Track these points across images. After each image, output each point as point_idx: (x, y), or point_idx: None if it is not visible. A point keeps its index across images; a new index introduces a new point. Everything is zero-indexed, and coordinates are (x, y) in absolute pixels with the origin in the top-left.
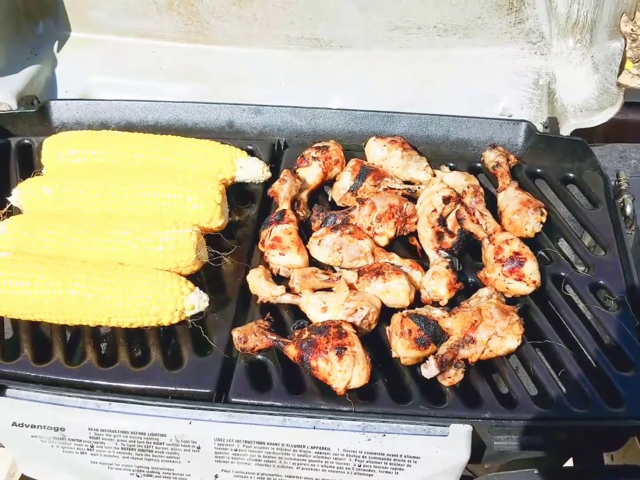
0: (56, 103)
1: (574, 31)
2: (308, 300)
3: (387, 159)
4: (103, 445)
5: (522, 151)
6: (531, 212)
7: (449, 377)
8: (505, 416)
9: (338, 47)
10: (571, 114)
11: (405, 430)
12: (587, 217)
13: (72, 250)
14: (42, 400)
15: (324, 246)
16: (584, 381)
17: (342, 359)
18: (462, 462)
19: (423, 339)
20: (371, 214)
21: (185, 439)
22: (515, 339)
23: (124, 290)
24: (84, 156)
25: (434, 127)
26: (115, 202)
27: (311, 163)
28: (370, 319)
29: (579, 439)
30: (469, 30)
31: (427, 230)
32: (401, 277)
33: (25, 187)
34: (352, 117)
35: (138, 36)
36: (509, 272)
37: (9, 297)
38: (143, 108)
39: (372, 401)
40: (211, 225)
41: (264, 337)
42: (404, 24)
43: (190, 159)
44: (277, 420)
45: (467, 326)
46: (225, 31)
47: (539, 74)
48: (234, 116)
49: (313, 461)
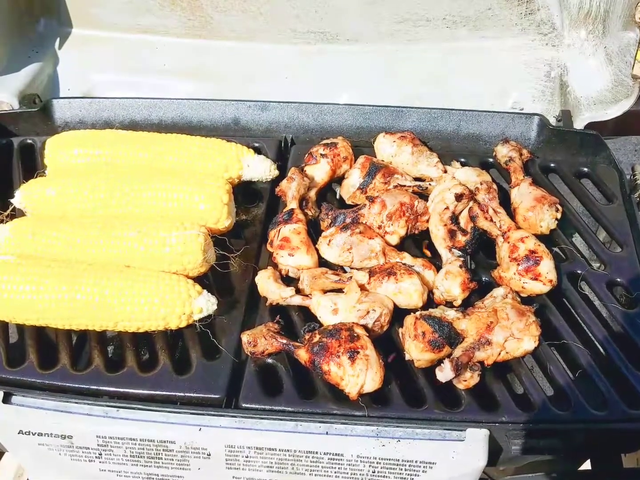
0: (59, 102)
1: (586, 22)
2: (318, 301)
3: (397, 156)
4: (111, 453)
5: (534, 145)
6: (546, 208)
7: (464, 380)
8: (522, 419)
9: (345, 41)
10: (585, 107)
11: (421, 435)
12: (603, 212)
13: (78, 253)
14: (49, 407)
15: (334, 246)
16: (602, 382)
17: (355, 363)
18: (480, 467)
19: (437, 341)
20: (381, 212)
21: (195, 446)
22: (532, 340)
23: (131, 294)
24: (88, 156)
25: (444, 121)
26: (120, 202)
27: (319, 160)
28: (382, 321)
29: (597, 440)
30: (479, 22)
31: (439, 229)
32: (413, 277)
33: (29, 189)
34: (360, 113)
35: (141, 32)
36: (525, 271)
37: (13, 301)
38: (147, 106)
39: (385, 405)
40: (218, 226)
41: (274, 341)
42: (412, 16)
43: (196, 157)
44: (289, 425)
45: (482, 328)
46: (230, 26)
47: (550, 66)
48: (239, 113)
49: (326, 467)
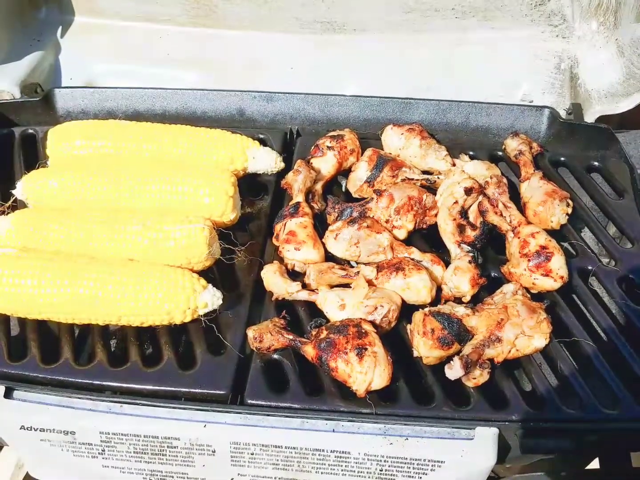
0: (61, 91)
1: (597, 14)
2: (325, 297)
3: (404, 148)
4: (115, 449)
5: (544, 139)
6: (557, 203)
7: (474, 378)
8: (532, 418)
9: (352, 31)
10: (595, 100)
11: (429, 433)
12: (613, 207)
13: (80, 246)
14: (51, 402)
15: (341, 240)
16: (613, 380)
17: (363, 359)
18: (489, 466)
19: (447, 339)
20: (389, 206)
21: (200, 443)
22: (543, 337)
23: (134, 288)
24: (91, 147)
25: (453, 113)
26: (124, 195)
27: (326, 153)
28: (390, 317)
29: (607, 439)
30: (488, 13)
31: (448, 223)
32: (422, 273)
33: (30, 180)
34: (367, 104)
35: (144, 21)
36: (536, 267)
37: (15, 295)
38: (150, 96)
39: (393, 403)
40: (223, 219)
41: (280, 337)
42: (420, 6)
43: (201, 149)
44: (295, 422)
45: (492, 325)
46: (234, 14)
47: (560, 58)
48: (244, 104)
49: (333, 465)
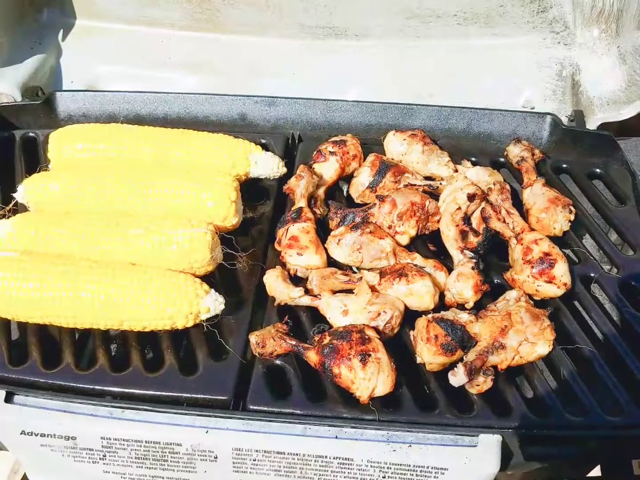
0: (62, 94)
1: (599, 21)
2: (328, 302)
3: (407, 154)
4: (116, 455)
5: (546, 145)
6: (560, 210)
7: (477, 384)
8: (535, 425)
9: (354, 37)
10: (598, 107)
11: (432, 440)
12: (615, 214)
13: (82, 250)
14: (52, 407)
15: (344, 246)
16: (616, 387)
17: (367, 366)
18: (492, 473)
19: (450, 345)
20: (392, 212)
21: (202, 449)
22: (546, 344)
23: (137, 292)
24: (92, 150)
25: (455, 119)
26: (126, 199)
27: (328, 158)
28: (393, 323)
29: (610, 446)
30: (490, 19)
31: (451, 229)
32: (425, 279)
33: (32, 183)
34: (369, 110)
35: (146, 25)
36: (539, 274)
37: (16, 299)
38: (152, 100)
39: (396, 409)
40: (225, 224)
41: (283, 342)
42: (422, 12)
43: (203, 153)
44: (298, 429)
45: (496, 331)
46: (237, 19)
47: (562, 65)
48: (246, 108)
49: (335, 472)
